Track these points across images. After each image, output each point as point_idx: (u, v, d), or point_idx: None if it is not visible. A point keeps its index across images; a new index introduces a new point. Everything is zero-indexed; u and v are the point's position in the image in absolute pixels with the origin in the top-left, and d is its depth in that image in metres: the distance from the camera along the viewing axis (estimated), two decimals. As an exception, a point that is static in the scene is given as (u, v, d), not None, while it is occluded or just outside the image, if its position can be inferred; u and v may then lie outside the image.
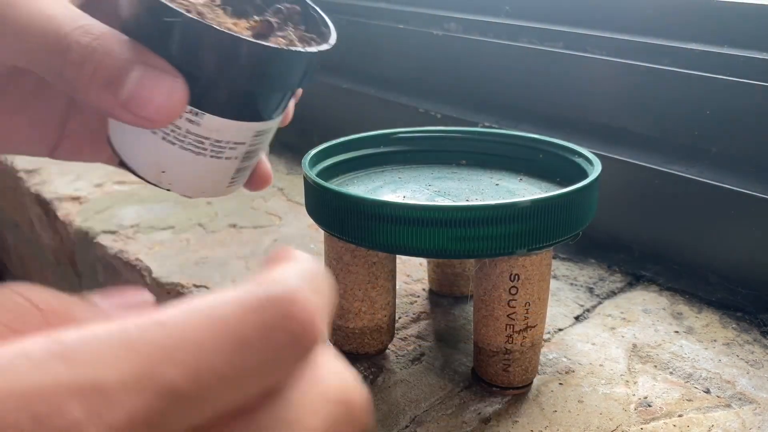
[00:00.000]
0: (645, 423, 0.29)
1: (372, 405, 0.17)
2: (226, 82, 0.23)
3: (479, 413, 0.29)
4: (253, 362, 0.14)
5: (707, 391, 0.31)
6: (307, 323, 0.14)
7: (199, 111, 0.24)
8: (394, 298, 0.31)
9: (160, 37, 0.23)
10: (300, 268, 0.15)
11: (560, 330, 0.35)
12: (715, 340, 0.34)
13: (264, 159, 0.28)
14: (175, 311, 0.13)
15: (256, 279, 0.15)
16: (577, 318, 0.36)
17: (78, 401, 0.12)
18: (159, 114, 0.23)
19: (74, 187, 0.56)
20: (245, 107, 0.24)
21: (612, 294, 0.39)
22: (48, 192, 0.56)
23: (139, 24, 0.23)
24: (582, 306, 0.37)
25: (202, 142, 0.24)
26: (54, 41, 0.23)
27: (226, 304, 0.14)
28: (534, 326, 0.28)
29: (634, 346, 0.34)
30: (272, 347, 0.14)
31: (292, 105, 0.27)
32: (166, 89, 0.23)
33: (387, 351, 0.33)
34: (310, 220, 0.48)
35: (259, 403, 0.14)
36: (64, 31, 0.23)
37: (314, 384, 0.15)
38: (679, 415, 0.29)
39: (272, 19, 0.25)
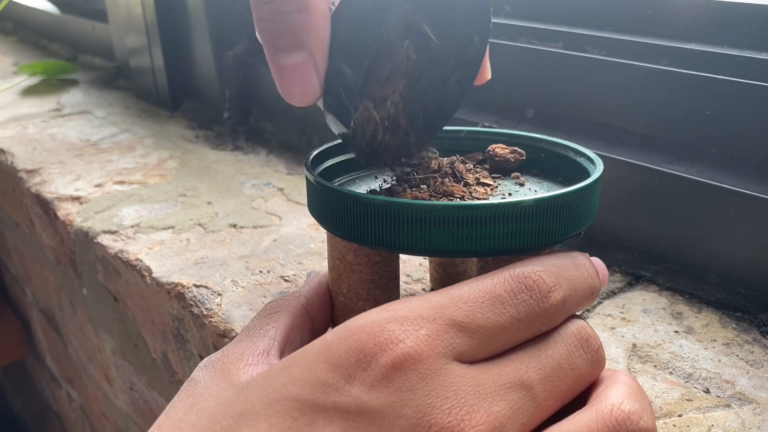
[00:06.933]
0: (645, 422, 0.29)
1: None
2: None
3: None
4: (507, 310, 0.22)
5: (707, 391, 0.31)
6: (543, 289, 0.23)
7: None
8: (398, 297, 0.31)
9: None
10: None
11: (561, 330, 0.35)
12: (714, 340, 0.34)
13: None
14: (455, 286, 0.23)
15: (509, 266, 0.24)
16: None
17: (394, 324, 0.21)
18: (289, 95, 0.26)
19: (74, 187, 0.56)
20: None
21: (612, 294, 0.39)
22: (48, 192, 0.56)
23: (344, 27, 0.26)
24: (582, 306, 0.37)
25: None
26: None
27: (487, 277, 0.23)
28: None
29: (634, 345, 0.34)
30: (518, 302, 0.22)
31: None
32: (309, 88, 0.26)
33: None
34: (310, 220, 0.48)
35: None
36: None
37: (562, 326, 0.24)
38: (679, 415, 0.29)
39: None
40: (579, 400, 0.23)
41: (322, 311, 0.30)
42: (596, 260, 0.27)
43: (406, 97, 0.30)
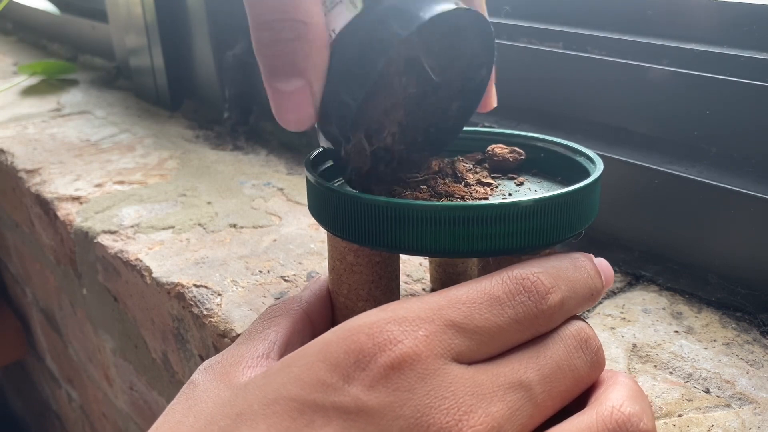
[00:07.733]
0: (646, 422, 0.29)
1: None
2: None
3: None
4: (505, 311, 0.22)
5: (707, 391, 0.31)
6: (541, 291, 0.23)
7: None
8: (398, 297, 0.31)
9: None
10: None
11: (561, 330, 0.35)
12: (714, 340, 0.34)
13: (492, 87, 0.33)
14: (453, 287, 0.23)
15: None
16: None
17: (393, 325, 0.21)
18: (285, 121, 0.26)
19: (74, 187, 0.56)
20: None
21: (612, 294, 0.39)
22: (48, 192, 0.56)
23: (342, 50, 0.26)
24: (582, 306, 0.37)
25: None
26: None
27: (486, 278, 0.23)
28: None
29: (634, 345, 0.34)
30: (516, 303, 0.22)
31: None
32: (304, 115, 0.26)
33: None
34: (310, 220, 0.48)
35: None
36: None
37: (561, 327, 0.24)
38: (679, 415, 0.29)
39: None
40: (579, 401, 0.23)
41: (323, 315, 0.30)
42: (601, 261, 0.27)
43: (405, 125, 0.30)
